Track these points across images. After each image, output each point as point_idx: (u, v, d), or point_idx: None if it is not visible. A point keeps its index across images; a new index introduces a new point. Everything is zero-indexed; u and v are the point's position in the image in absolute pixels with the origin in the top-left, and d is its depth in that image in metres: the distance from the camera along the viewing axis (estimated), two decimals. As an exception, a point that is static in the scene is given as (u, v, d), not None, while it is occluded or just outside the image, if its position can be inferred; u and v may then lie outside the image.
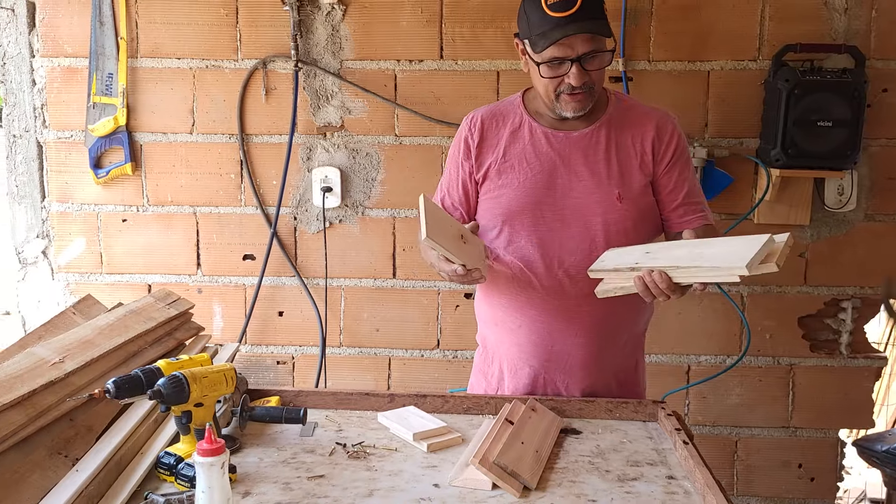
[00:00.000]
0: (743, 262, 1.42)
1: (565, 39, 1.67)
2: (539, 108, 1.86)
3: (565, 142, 1.82)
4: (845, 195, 2.53)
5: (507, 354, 1.93)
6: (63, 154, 2.67)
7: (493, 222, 1.86)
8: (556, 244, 1.81)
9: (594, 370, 1.88)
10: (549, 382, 1.89)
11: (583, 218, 1.79)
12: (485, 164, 1.86)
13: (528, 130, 1.85)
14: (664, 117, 1.86)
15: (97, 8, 2.57)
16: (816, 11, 2.48)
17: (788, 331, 2.64)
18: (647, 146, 1.83)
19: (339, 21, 2.55)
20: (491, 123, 1.88)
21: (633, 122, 1.84)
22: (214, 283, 2.70)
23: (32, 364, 1.49)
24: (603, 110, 1.85)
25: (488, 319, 1.97)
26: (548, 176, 1.81)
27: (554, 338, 1.85)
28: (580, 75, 1.70)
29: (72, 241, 2.71)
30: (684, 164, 1.86)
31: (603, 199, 1.79)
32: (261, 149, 2.63)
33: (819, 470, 2.70)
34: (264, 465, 1.51)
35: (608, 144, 1.82)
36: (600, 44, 1.71)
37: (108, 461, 1.38)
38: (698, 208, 1.85)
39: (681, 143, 1.85)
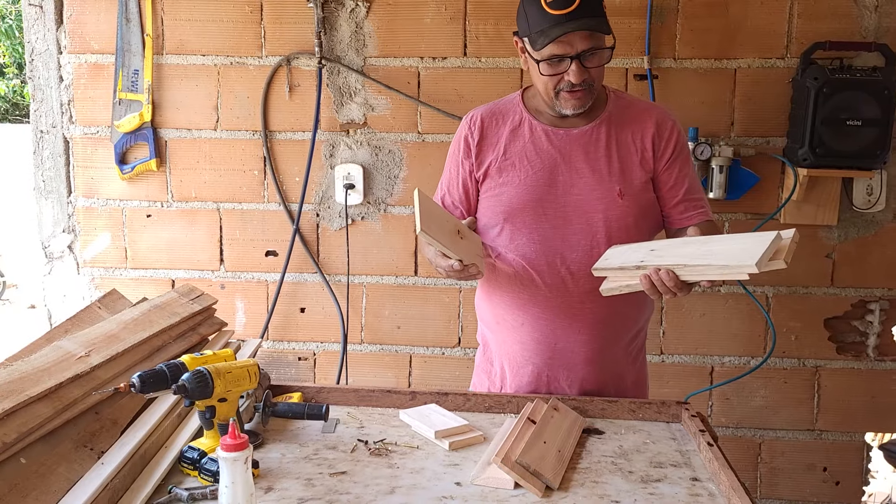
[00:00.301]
0: (753, 260, 1.42)
1: (564, 37, 1.66)
2: (539, 105, 1.86)
3: (566, 139, 1.82)
4: (874, 195, 2.50)
5: (509, 353, 1.92)
6: (89, 150, 2.69)
7: (495, 220, 1.85)
8: (558, 241, 1.80)
9: (597, 367, 1.87)
10: (552, 380, 1.88)
11: (584, 215, 1.79)
12: (485, 163, 1.86)
13: (528, 128, 1.84)
14: (663, 114, 1.86)
15: (124, 5, 2.60)
16: (846, 9, 2.44)
17: (814, 332, 2.60)
18: (648, 143, 1.82)
19: (362, 18, 2.55)
20: (491, 122, 1.87)
21: (632, 119, 1.84)
22: (237, 278, 2.71)
23: (59, 357, 1.50)
24: (602, 107, 1.84)
25: (490, 318, 1.96)
26: (549, 173, 1.81)
27: (557, 335, 1.84)
28: (580, 73, 1.69)
29: (97, 235, 2.73)
30: (684, 160, 1.85)
31: (604, 195, 1.78)
32: (284, 145, 2.64)
33: (844, 473, 2.66)
34: (287, 460, 1.51)
35: (608, 141, 1.81)
36: (599, 41, 1.70)
37: (132, 455, 1.39)
38: (699, 204, 1.85)
39: (680, 139, 1.85)
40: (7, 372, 1.39)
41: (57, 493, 1.25)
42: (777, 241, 1.49)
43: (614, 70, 2.52)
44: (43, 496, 1.24)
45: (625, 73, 2.52)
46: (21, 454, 1.27)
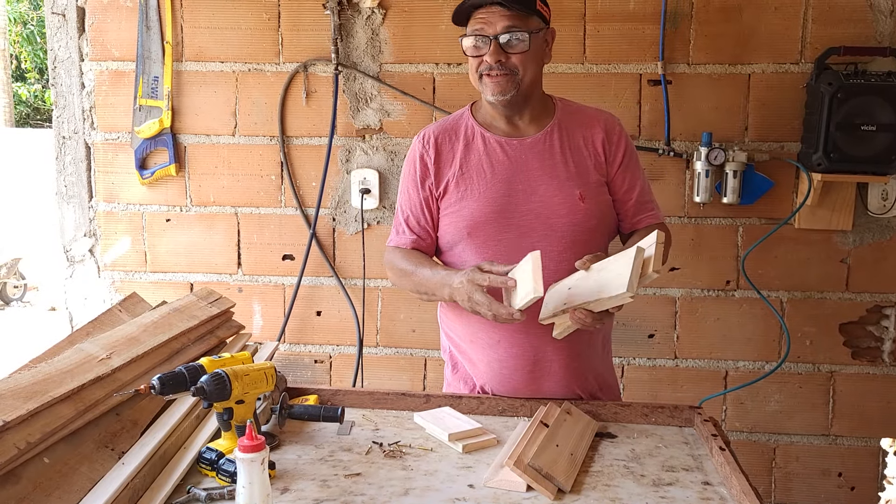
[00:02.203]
0: (624, 288, 1.49)
1: (483, 13, 1.72)
2: (488, 118, 1.88)
3: (520, 149, 1.83)
4: (889, 200, 2.49)
5: (487, 372, 1.88)
6: (110, 155, 2.74)
7: (458, 236, 1.85)
8: (525, 250, 1.73)
9: (577, 372, 1.86)
10: (536, 391, 1.85)
11: (547, 221, 1.79)
12: (443, 180, 1.86)
13: (481, 141, 1.85)
14: (610, 119, 1.89)
15: (144, 13, 2.64)
16: (861, 14, 2.44)
17: (829, 337, 2.60)
18: (599, 147, 1.85)
19: (378, 25, 2.58)
20: (444, 139, 1.88)
21: (581, 124, 1.86)
22: (254, 282, 2.75)
23: (81, 359, 1.54)
24: (551, 115, 1.87)
25: (462, 336, 1.93)
26: (507, 184, 1.81)
27: (534, 347, 1.82)
28: (495, 52, 1.73)
29: (117, 240, 2.78)
30: (635, 164, 1.89)
31: (566, 200, 1.79)
32: (301, 151, 2.67)
33: (859, 479, 2.65)
34: (302, 462, 1.54)
35: (562, 147, 1.83)
36: (521, 23, 1.72)
37: (152, 455, 1.42)
38: (649, 207, 1.89)
39: (629, 143, 1.89)
40: (31, 373, 1.43)
41: (79, 493, 1.29)
42: (640, 255, 1.53)
43: (628, 76, 2.54)
44: (66, 495, 1.27)
45: (639, 78, 2.53)
46: (44, 454, 1.30)
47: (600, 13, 2.51)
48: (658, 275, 1.52)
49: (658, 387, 2.66)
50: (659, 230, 1.64)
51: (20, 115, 15.65)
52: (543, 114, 1.87)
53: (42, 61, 15.34)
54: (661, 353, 2.65)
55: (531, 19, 1.75)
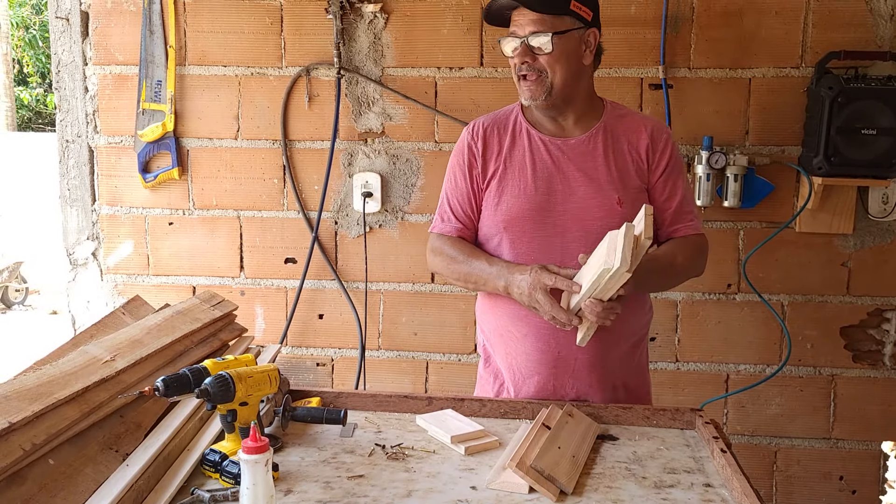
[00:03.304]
0: (618, 262, 1.52)
1: (516, 14, 1.76)
2: (536, 116, 1.90)
3: (563, 149, 1.85)
4: (890, 204, 2.50)
5: (513, 365, 1.91)
6: (113, 159, 2.75)
7: (495, 230, 1.88)
8: (558, 250, 1.81)
9: (602, 373, 1.87)
10: (558, 388, 1.87)
11: (583, 223, 1.81)
12: (489, 172, 1.89)
13: (526, 138, 1.88)
14: (658, 126, 1.89)
15: (147, 17, 2.65)
16: (861, 18, 2.45)
17: (830, 341, 2.61)
18: (642, 153, 1.86)
19: (381, 29, 2.59)
20: (492, 131, 1.91)
21: (627, 130, 1.87)
22: (257, 285, 2.76)
23: (85, 362, 1.55)
24: (598, 118, 1.88)
25: (492, 330, 1.96)
26: (547, 182, 1.83)
27: (560, 344, 1.84)
28: (521, 54, 1.76)
29: (120, 243, 2.79)
30: (678, 173, 1.89)
31: (604, 203, 1.81)
32: (303, 154, 2.68)
33: (861, 482, 2.66)
34: (305, 464, 1.55)
35: (605, 150, 1.84)
36: (547, 26, 1.74)
37: (156, 457, 1.43)
38: (688, 217, 1.89)
39: (674, 152, 1.89)
40: (37, 375, 1.44)
41: (84, 494, 1.29)
42: (630, 231, 1.57)
43: (629, 80, 2.55)
44: (70, 496, 1.28)
45: (640, 82, 2.54)
46: (49, 455, 1.31)
47: (604, 18, 2.49)
48: (650, 241, 1.54)
49: (659, 390, 2.66)
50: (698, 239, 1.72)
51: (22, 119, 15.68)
52: (590, 116, 1.88)
53: (44, 65, 15.38)
54: (662, 357, 2.66)
55: (561, 20, 1.75)
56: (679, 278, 1.99)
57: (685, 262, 1.87)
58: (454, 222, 1.93)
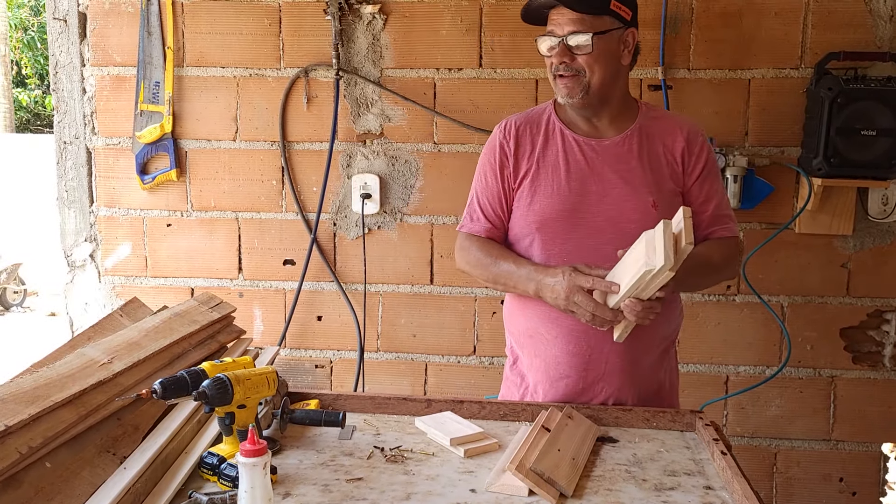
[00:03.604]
0: (662, 261, 1.51)
1: (555, 13, 1.75)
2: (569, 116, 1.88)
3: (598, 150, 1.84)
4: (889, 205, 2.49)
5: (542, 367, 1.89)
6: (111, 160, 2.74)
7: (527, 230, 1.86)
8: (591, 252, 1.79)
9: (632, 377, 1.86)
10: (587, 391, 1.86)
11: (617, 225, 1.79)
12: (521, 172, 1.87)
13: (560, 138, 1.86)
14: (694, 129, 1.87)
15: (145, 19, 2.65)
16: (861, 19, 2.45)
17: (830, 342, 2.60)
18: (678, 156, 1.84)
19: (379, 30, 2.59)
20: (525, 130, 1.89)
21: (662, 132, 1.86)
22: (255, 287, 2.75)
23: (83, 364, 1.54)
24: (633, 119, 1.87)
25: (521, 331, 1.94)
26: (581, 183, 1.82)
27: (591, 346, 1.83)
28: (559, 54, 1.75)
29: (118, 245, 2.78)
30: (714, 176, 1.87)
31: (638, 205, 1.79)
32: (302, 156, 2.68)
33: (861, 484, 2.65)
34: (304, 466, 1.54)
35: (640, 152, 1.83)
36: (586, 26, 1.73)
37: (153, 460, 1.42)
38: (724, 220, 1.87)
39: (710, 155, 1.87)
40: (33, 378, 1.43)
41: (81, 497, 1.28)
42: (668, 229, 1.55)
43: (629, 81, 2.53)
44: (67, 500, 1.27)
45: (639, 83, 2.54)
46: (46, 458, 1.31)
47: (601, 18, 2.51)
48: (692, 246, 1.52)
49: (659, 392, 2.66)
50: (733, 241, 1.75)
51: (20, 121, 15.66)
52: (625, 117, 1.86)
53: (42, 67, 15.36)
54: (661, 358, 2.65)
55: (601, 20, 1.74)
56: (714, 278, 1.98)
57: (721, 263, 1.85)
58: (483, 222, 1.92)
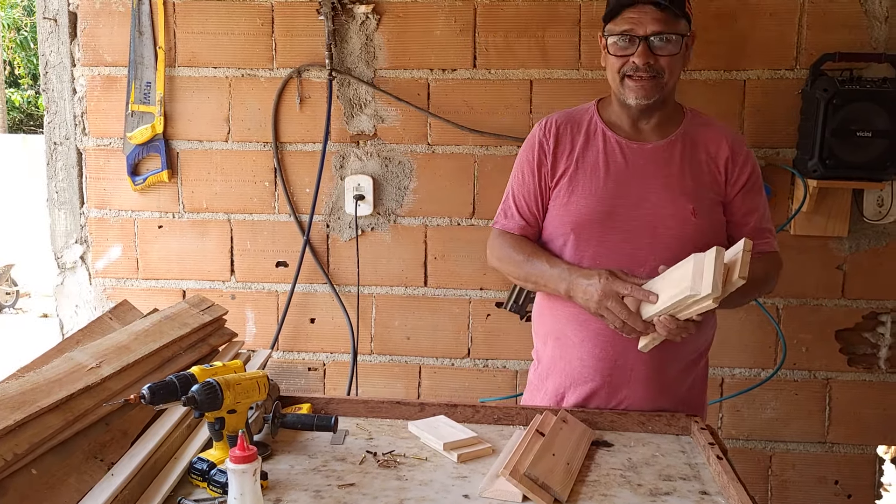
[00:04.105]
0: (709, 289, 1.48)
1: (634, 13, 1.70)
2: (613, 117, 1.86)
3: (640, 153, 1.81)
4: (885, 206, 2.48)
5: (567, 369, 1.87)
6: (102, 161, 2.72)
7: (562, 230, 1.83)
8: (626, 256, 1.76)
9: (657, 387, 1.82)
10: (611, 397, 1.83)
11: (654, 230, 1.76)
12: (559, 170, 1.84)
13: (601, 139, 1.83)
14: (739, 139, 1.86)
15: (136, 18, 2.62)
16: (856, 20, 2.43)
17: (825, 344, 2.59)
18: (721, 166, 1.82)
19: (373, 30, 2.57)
20: (566, 129, 1.86)
21: (707, 140, 1.83)
22: (247, 289, 2.73)
23: (70, 368, 1.52)
24: (678, 125, 1.84)
25: (549, 333, 1.92)
26: (619, 186, 1.79)
27: (617, 351, 1.80)
28: (645, 53, 1.71)
29: (109, 246, 2.75)
30: (758, 189, 1.85)
31: (677, 212, 1.76)
32: (294, 157, 2.65)
33: (856, 486, 2.64)
34: (295, 472, 1.52)
35: (682, 159, 1.80)
36: (672, 27, 1.72)
37: (142, 466, 1.40)
38: (765, 234, 1.85)
39: (755, 168, 1.85)
40: (19, 383, 1.41)
41: (68, 504, 1.27)
42: (720, 257, 1.52)
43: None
44: (54, 507, 1.25)
45: (634, 84, 2.52)
46: (32, 465, 1.28)
47: (595, 19, 2.49)
48: (744, 281, 1.50)
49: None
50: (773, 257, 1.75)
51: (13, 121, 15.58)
52: (670, 122, 1.84)
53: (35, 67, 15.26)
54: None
55: (680, 22, 1.74)
56: (753, 296, 1.97)
57: (762, 281, 1.82)
58: (517, 219, 1.89)
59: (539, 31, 2.51)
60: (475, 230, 2.62)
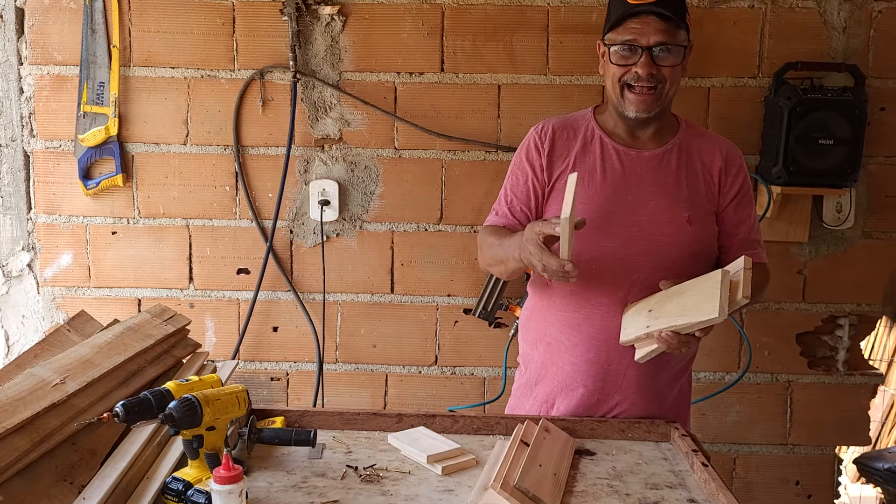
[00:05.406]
0: (716, 313, 1.51)
1: (637, 21, 1.70)
2: (609, 124, 1.85)
3: (636, 160, 1.81)
4: (843, 212, 2.54)
5: (558, 374, 1.86)
6: (51, 164, 2.59)
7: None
8: (621, 261, 1.76)
9: (650, 391, 1.83)
10: (602, 402, 1.83)
11: (650, 237, 1.76)
12: (554, 174, 1.83)
13: (599, 145, 1.83)
14: (732, 150, 1.87)
15: (89, 15, 2.51)
16: (816, 30, 2.49)
17: (787, 347, 2.63)
18: (715, 176, 1.83)
19: (338, 32, 2.51)
20: (562, 134, 1.85)
21: (702, 149, 1.85)
22: (207, 297, 2.63)
23: (33, 386, 1.43)
24: (674, 134, 1.85)
25: (540, 338, 1.91)
26: (616, 192, 1.79)
27: (610, 357, 1.80)
28: (647, 64, 1.71)
29: (59, 253, 2.63)
30: (749, 199, 1.87)
31: (673, 219, 1.77)
32: (257, 161, 2.58)
33: (816, 487, 2.69)
34: (275, 489, 1.46)
35: (678, 167, 1.81)
36: (674, 38, 1.72)
37: (114, 488, 1.33)
38: (755, 246, 1.86)
39: (747, 179, 1.87)
40: (-21, 402, 1.31)
41: (37, 532, 1.18)
42: (726, 278, 1.55)
43: (590, 87, 2.53)
44: (22, 535, 1.17)
45: (601, 90, 2.53)
46: (-3, 491, 1.20)
47: (563, 25, 2.49)
48: (747, 300, 1.53)
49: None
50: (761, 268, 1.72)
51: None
52: (666, 131, 1.85)
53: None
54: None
55: (681, 32, 1.74)
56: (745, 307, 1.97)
57: (757, 294, 1.80)
58: (507, 217, 1.87)
59: (507, 36, 2.49)
60: (443, 236, 2.58)
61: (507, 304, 2.55)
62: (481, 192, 2.55)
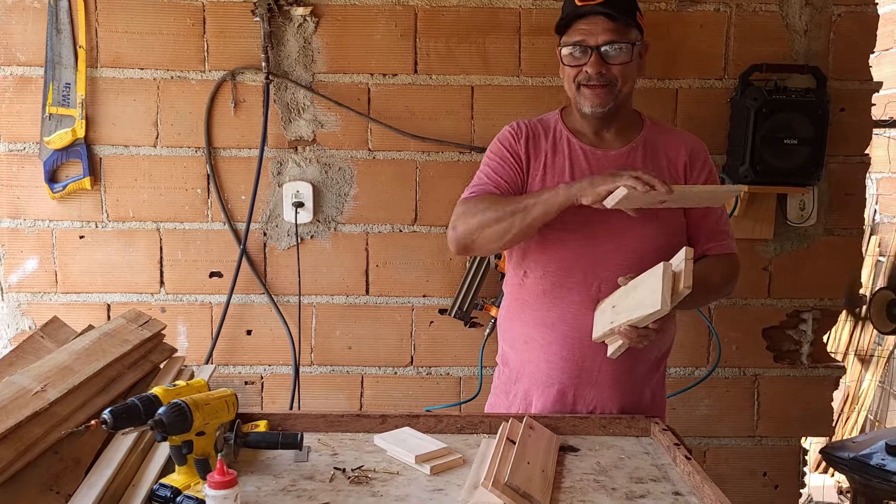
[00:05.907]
0: (658, 305, 1.56)
1: (585, 24, 1.74)
2: (576, 125, 1.89)
3: (603, 160, 1.85)
4: (806, 210, 2.61)
5: (535, 372, 1.90)
6: (15, 167, 2.53)
7: None
8: (591, 259, 1.81)
9: (625, 386, 1.87)
10: (578, 398, 1.87)
11: (619, 232, 1.80)
12: (530, 166, 1.86)
13: (567, 145, 1.87)
14: (697, 144, 1.92)
15: (54, 15, 2.46)
16: (779, 33, 2.55)
17: (753, 342, 2.70)
18: (680, 170, 1.88)
19: (311, 33, 2.50)
20: (534, 132, 1.89)
21: (667, 146, 1.89)
22: (178, 301, 2.60)
23: (14, 394, 1.40)
24: (638, 132, 1.89)
25: (517, 337, 1.94)
26: None
27: (584, 353, 1.84)
28: (597, 63, 1.75)
29: (24, 259, 2.57)
30: None
31: (640, 215, 1.78)
32: (229, 163, 2.55)
33: (783, 477, 2.76)
34: (264, 493, 1.45)
35: (643, 164, 1.85)
36: (623, 36, 1.76)
37: (101, 496, 1.31)
38: (722, 237, 1.90)
39: (712, 171, 1.91)
40: (-39, 412, 1.28)
41: (26, 543, 1.16)
42: (668, 271, 1.60)
43: (562, 89, 2.49)
44: (11, 547, 1.14)
45: (572, 91, 2.56)
46: (-16, 502, 1.17)
47: (535, 27, 2.52)
48: (689, 290, 1.56)
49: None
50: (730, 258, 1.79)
51: None
52: (630, 129, 1.88)
53: None
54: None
55: (631, 31, 1.77)
56: (712, 298, 2.03)
57: (720, 283, 1.87)
58: (489, 187, 1.85)
59: (480, 38, 2.51)
60: (418, 237, 2.59)
61: (483, 304, 2.56)
62: (456, 193, 2.50)
